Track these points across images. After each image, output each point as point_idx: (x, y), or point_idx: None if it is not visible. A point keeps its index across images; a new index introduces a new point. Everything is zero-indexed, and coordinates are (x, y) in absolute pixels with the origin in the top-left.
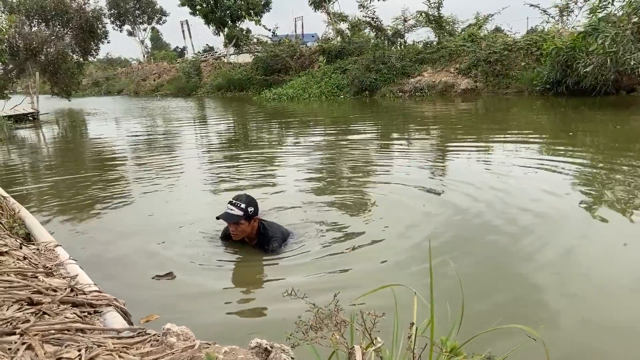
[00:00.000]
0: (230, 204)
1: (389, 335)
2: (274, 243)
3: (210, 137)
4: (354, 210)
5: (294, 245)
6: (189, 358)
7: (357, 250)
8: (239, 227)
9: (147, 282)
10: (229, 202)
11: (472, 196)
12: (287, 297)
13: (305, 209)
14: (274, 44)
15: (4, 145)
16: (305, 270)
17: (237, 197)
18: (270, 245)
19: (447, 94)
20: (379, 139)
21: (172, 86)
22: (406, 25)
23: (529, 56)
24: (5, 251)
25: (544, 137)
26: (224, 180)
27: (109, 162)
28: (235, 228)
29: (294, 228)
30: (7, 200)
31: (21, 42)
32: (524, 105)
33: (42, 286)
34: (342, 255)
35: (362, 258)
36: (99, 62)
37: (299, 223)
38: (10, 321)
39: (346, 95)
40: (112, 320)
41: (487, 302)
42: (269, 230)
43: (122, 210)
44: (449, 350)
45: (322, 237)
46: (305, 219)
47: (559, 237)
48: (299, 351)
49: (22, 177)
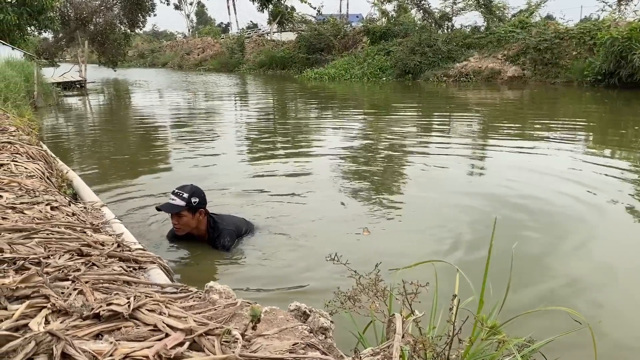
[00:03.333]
0: (173, 193)
1: (425, 313)
2: (225, 238)
3: (250, 112)
4: (388, 192)
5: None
6: (230, 314)
7: (394, 228)
8: (181, 219)
9: (184, 245)
10: (172, 191)
11: (512, 188)
12: (330, 261)
13: (338, 189)
14: (318, 22)
15: (52, 110)
16: (333, 243)
17: (181, 187)
18: (221, 240)
19: (493, 80)
20: (419, 123)
21: (216, 61)
22: (454, 8)
23: (581, 45)
24: (56, 206)
25: (591, 132)
26: (260, 152)
27: (151, 131)
28: (178, 220)
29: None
30: (56, 161)
31: (72, 12)
32: (572, 96)
33: (91, 240)
34: (377, 232)
35: (398, 235)
36: (145, 34)
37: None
38: (62, 269)
39: (388, 78)
40: (156, 277)
41: (530, 291)
42: (219, 223)
43: (164, 175)
44: (489, 327)
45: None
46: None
47: (605, 233)
48: (336, 319)
49: (68, 141)
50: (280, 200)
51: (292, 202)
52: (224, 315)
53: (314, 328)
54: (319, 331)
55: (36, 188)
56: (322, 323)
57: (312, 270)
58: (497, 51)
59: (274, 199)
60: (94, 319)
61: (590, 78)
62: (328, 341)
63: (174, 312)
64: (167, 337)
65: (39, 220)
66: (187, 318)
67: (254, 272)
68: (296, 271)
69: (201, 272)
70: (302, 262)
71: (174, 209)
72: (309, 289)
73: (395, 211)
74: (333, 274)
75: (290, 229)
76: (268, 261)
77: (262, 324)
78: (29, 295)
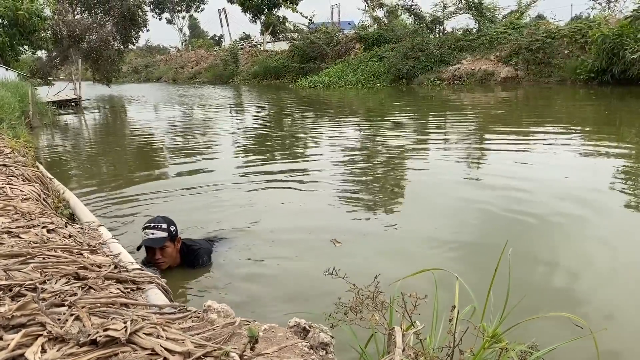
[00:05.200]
0: (149, 228)
1: (425, 322)
2: (203, 257)
3: (246, 123)
4: (386, 196)
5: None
6: (229, 334)
7: (392, 235)
8: (165, 251)
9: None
10: (146, 227)
11: (510, 190)
12: (328, 275)
13: (336, 197)
14: (310, 31)
15: (48, 129)
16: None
17: (153, 219)
18: (199, 260)
19: (487, 82)
20: (414, 127)
21: (210, 73)
22: (446, 11)
23: (573, 44)
24: (52, 229)
25: (587, 128)
26: (256, 161)
27: (148, 147)
28: (162, 254)
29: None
30: (52, 181)
31: (65, 30)
32: (566, 95)
33: (88, 262)
34: (376, 239)
35: (396, 244)
36: (138, 49)
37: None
38: (59, 294)
39: (383, 83)
40: (154, 297)
41: (532, 297)
42: (192, 246)
43: (161, 193)
44: (490, 336)
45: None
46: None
47: (607, 234)
48: (337, 332)
49: (65, 160)
50: (278, 211)
51: (290, 212)
52: (222, 335)
53: (314, 344)
54: (319, 347)
55: (32, 211)
56: (323, 338)
57: (311, 283)
58: (490, 53)
59: (272, 210)
60: (91, 345)
61: (583, 76)
62: (329, 357)
63: (171, 334)
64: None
65: (35, 244)
66: (185, 340)
67: (252, 289)
68: (295, 285)
69: (199, 290)
70: (301, 276)
71: (158, 242)
72: (309, 302)
73: (393, 217)
74: (332, 287)
75: (288, 241)
76: (267, 276)
77: (261, 343)
78: (24, 323)
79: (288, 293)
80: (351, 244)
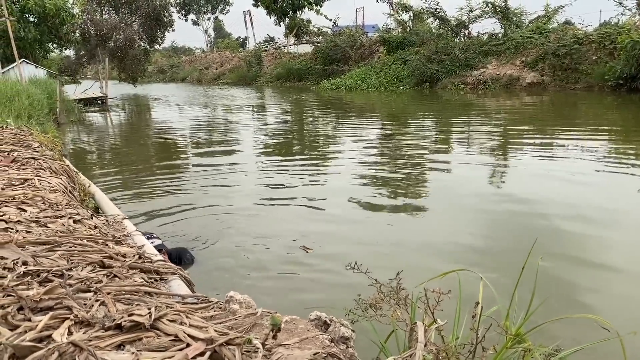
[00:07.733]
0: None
1: (447, 321)
2: (186, 254)
3: (268, 124)
4: (412, 197)
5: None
6: (251, 324)
7: (417, 235)
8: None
9: (205, 256)
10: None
11: (535, 194)
12: (350, 270)
13: (357, 203)
14: (334, 34)
15: (75, 126)
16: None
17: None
18: (184, 258)
19: (512, 87)
20: (438, 131)
21: (234, 75)
22: (471, 15)
23: (602, 50)
24: (78, 219)
25: (614, 136)
26: (279, 161)
27: (171, 145)
28: None
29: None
30: (79, 175)
31: (92, 29)
32: (593, 101)
33: (113, 252)
34: (400, 238)
35: (421, 242)
36: (164, 50)
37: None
38: (85, 281)
39: (405, 87)
40: (177, 288)
41: (555, 300)
42: (172, 250)
43: (182, 187)
44: (513, 335)
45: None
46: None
47: (635, 240)
48: (358, 327)
49: (91, 156)
50: (302, 210)
51: (313, 211)
52: (244, 325)
53: (335, 337)
54: (340, 340)
55: (59, 202)
56: (343, 332)
57: (333, 278)
58: (515, 58)
59: (296, 209)
60: (116, 329)
61: (611, 82)
62: (349, 351)
63: (194, 322)
64: (188, 347)
65: (61, 233)
66: (208, 328)
67: (274, 282)
68: (316, 280)
69: (221, 282)
70: (323, 271)
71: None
72: (329, 297)
73: (418, 218)
74: (354, 282)
75: (306, 239)
76: (289, 272)
77: (282, 334)
78: (52, 306)
79: (308, 287)
80: (372, 246)
